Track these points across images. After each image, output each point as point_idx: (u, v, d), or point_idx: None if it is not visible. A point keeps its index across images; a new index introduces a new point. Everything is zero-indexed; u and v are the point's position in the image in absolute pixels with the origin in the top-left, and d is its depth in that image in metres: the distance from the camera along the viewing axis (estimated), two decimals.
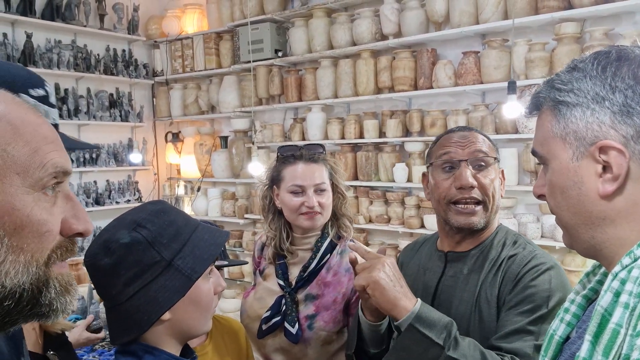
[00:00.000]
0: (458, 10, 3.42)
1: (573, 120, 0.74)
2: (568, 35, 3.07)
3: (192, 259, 0.97)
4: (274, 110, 4.57)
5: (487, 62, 3.36)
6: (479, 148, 1.30)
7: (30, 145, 0.56)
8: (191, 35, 4.95)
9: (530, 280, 1.21)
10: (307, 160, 1.65)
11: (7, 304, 0.56)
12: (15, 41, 4.24)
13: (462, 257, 1.35)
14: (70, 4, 4.51)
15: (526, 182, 3.37)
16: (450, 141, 1.33)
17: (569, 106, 0.75)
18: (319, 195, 1.63)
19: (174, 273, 0.95)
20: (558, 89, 0.77)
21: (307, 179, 1.62)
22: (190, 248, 0.98)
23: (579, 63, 0.76)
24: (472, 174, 1.28)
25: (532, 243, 1.33)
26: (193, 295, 0.98)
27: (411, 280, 1.44)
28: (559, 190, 0.77)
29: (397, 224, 3.79)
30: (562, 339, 0.82)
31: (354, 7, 4.02)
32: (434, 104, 3.77)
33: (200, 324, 1.04)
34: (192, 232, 1.00)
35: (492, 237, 1.34)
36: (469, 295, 1.29)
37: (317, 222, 1.63)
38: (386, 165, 3.83)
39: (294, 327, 1.55)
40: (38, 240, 0.57)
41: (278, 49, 4.36)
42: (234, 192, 4.84)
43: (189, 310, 1.00)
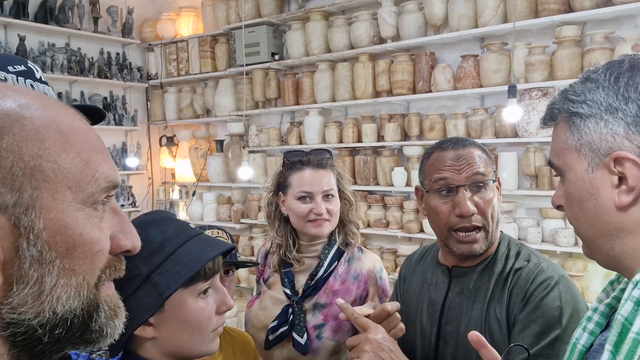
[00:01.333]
0: (457, 14, 3.40)
1: (587, 131, 0.74)
2: (568, 39, 3.05)
3: (172, 274, 0.91)
4: (271, 114, 4.53)
5: (486, 66, 3.33)
6: (476, 170, 1.24)
7: (82, 157, 0.52)
8: (186, 38, 4.91)
9: (540, 298, 1.17)
10: (315, 166, 1.62)
11: (57, 332, 0.51)
12: (8, 44, 4.18)
13: (467, 273, 1.31)
14: (64, 6, 4.46)
15: (526, 187, 3.35)
16: (445, 164, 1.26)
17: (582, 117, 0.74)
18: (327, 202, 1.59)
19: (149, 288, 0.91)
20: (572, 100, 0.76)
21: (315, 186, 1.59)
22: (172, 263, 0.92)
23: (592, 74, 0.76)
24: (471, 198, 1.23)
25: (535, 252, 1.30)
26: (177, 313, 0.93)
27: (416, 295, 1.41)
28: (576, 202, 0.77)
29: (395, 228, 3.76)
30: (585, 348, 0.80)
31: (352, 10, 3.99)
32: (433, 107, 3.74)
33: (194, 345, 0.97)
34: (179, 245, 0.94)
35: (494, 249, 1.31)
36: (477, 313, 1.25)
37: (324, 229, 1.60)
38: (385, 170, 3.79)
39: (303, 337, 1.51)
40: (90, 261, 0.52)
41: (275, 52, 4.32)
42: (229, 197, 4.79)
43: (175, 330, 0.94)
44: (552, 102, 0.81)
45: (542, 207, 3.30)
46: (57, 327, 0.51)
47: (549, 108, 0.82)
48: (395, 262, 3.81)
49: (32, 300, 0.49)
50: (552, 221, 3.23)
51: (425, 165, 1.33)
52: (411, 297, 1.41)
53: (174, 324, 0.93)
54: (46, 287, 0.49)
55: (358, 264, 1.63)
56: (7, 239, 0.46)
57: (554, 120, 0.81)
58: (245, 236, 4.62)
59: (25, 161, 0.47)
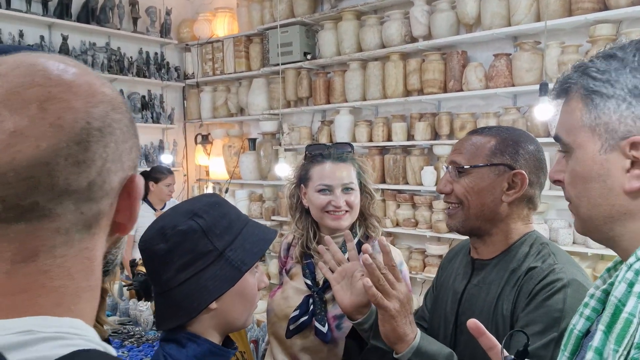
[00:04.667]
0: (490, 12, 3.37)
1: (606, 111, 0.71)
2: (603, 37, 3.00)
3: (242, 251, 1.00)
4: (302, 113, 4.58)
5: (518, 65, 3.30)
6: (452, 158, 1.31)
7: None
8: (222, 39, 5.01)
9: (543, 299, 1.15)
10: (335, 160, 1.64)
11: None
12: (52, 43, 4.36)
13: (485, 266, 1.31)
14: (104, 7, 4.62)
15: (558, 187, 3.27)
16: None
17: (603, 97, 0.72)
18: (347, 195, 1.61)
19: (224, 264, 0.98)
20: (593, 77, 0.73)
21: (335, 178, 1.61)
22: (240, 241, 1.01)
23: (618, 51, 0.72)
24: (449, 180, 1.30)
25: (556, 253, 1.26)
26: (240, 287, 1.01)
27: (445, 284, 1.43)
28: (582, 181, 0.75)
29: (424, 228, 3.75)
30: (581, 333, 0.81)
31: (384, 10, 4.01)
32: (464, 107, 3.72)
33: (243, 317, 1.06)
34: (243, 227, 1.03)
35: (517, 245, 1.29)
36: (487, 306, 1.25)
37: (344, 222, 1.61)
38: (414, 169, 3.79)
39: (325, 327, 1.54)
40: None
41: (307, 51, 4.38)
42: (261, 194, 4.86)
43: (235, 302, 1.02)
44: (566, 76, 0.78)
45: None
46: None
47: (562, 82, 0.79)
48: (424, 261, 3.80)
49: (124, 245, 0.65)
50: None
51: None
52: (442, 285, 1.45)
53: (235, 296, 1.01)
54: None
55: (378, 257, 1.65)
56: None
57: (566, 95, 0.78)
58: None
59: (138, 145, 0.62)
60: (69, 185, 0.48)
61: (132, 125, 0.56)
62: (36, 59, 0.52)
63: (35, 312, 0.48)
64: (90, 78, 0.54)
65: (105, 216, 0.53)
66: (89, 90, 0.52)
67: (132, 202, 0.55)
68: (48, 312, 0.49)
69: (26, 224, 0.48)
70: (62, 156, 0.48)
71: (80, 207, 0.50)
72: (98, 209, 0.52)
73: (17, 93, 0.49)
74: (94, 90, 0.53)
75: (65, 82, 0.51)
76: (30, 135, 0.47)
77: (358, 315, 1.26)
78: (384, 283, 1.16)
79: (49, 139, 0.48)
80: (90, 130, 0.50)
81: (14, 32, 4.13)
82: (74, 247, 0.51)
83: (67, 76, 0.52)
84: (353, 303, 1.26)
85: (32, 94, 0.49)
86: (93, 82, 0.54)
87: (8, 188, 0.47)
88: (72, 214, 0.50)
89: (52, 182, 0.48)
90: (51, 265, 0.50)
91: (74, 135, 0.49)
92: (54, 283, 0.50)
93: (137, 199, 0.56)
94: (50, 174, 0.47)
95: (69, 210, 0.49)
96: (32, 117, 0.48)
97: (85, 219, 0.51)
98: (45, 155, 0.47)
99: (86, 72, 0.54)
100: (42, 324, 0.48)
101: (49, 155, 0.47)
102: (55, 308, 0.50)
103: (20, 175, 0.47)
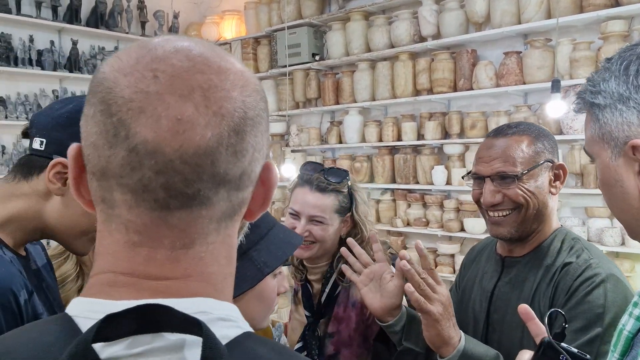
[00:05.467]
0: (499, 10, 3.37)
1: (605, 121, 0.75)
2: (615, 34, 2.99)
3: (267, 253, 0.99)
4: (311, 114, 4.58)
5: (529, 62, 3.29)
6: (500, 168, 1.24)
7: None
8: (229, 41, 5.02)
9: (583, 294, 1.15)
10: (314, 188, 1.52)
11: None
12: (62, 48, 4.38)
13: (516, 263, 1.30)
14: (113, 12, 4.64)
15: (571, 185, 3.28)
16: (479, 155, 1.31)
17: (599, 108, 0.76)
18: (312, 225, 1.50)
19: (247, 263, 0.97)
20: (590, 91, 0.78)
21: (304, 206, 1.51)
22: (266, 243, 0.99)
23: (607, 62, 0.77)
24: (496, 190, 1.25)
25: (590, 248, 1.26)
26: (260, 289, 0.99)
27: (471, 283, 1.42)
28: (606, 188, 0.79)
29: (435, 227, 3.74)
30: (631, 334, 0.80)
31: (392, 10, 4.00)
32: (474, 105, 3.71)
33: (260, 319, 1.04)
34: (269, 229, 1.02)
35: (548, 241, 1.28)
36: (522, 303, 1.24)
37: (305, 253, 1.51)
38: (424, 168, 3.78)
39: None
40: None
41: (315, 52, 4.38)
42: None
43: (252, 303, 1.00)
44: (580, 91, 0.82)
45: (587, 205, 3.23)
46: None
47: (578, 97, 0.83)
48: (436, 261, 3.79)
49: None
50: (597, 220, 3.15)
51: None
52: (467, 284, 1.43)
53: (253, 298, 0.99)
54: None
55: (355, 289, 1.50)
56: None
57: (583, 110, 0.82)
58: None
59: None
60: (227, 174, 0.49)
61: (268, 115, 0.57)
62: (191, 44, 0.51)
63: (200, 295, 0.50)
64: (241, 66, 0.54)
65: (246, 204, 0.54)
66: (242, 78, 0.52)
67: (266, 190, 0.55)
68: (210, 296, 0.51)
69: (187, 211, 0.49)
70: (224, 145, 0.48)
71: (231, 196, 0.51)
72: (243, 197, 0.52)
73: (182, 79, 0.48)
74: (246, 78, 0.53)
75: (223, 70, 0.51)
76: (196, 123, 0.47)
77: (389, 318, 1.25)
78: (425, 287, 1.15)
79: (213, 128, 0.48)
80: (247, 120, 0.50)
81: (24, 37, 4.15)
82: (221, 234, 0.52)
83: (224, 64, 0.51)
84: (384, 305, 1.24)
85: (195, 81, 0.48)
86: (244, 70, 0.54)
87: (174, 175, 0.47)
88: (224, 202, 0.50)
89: (214, 171, 0.48)
90: (205, 252, 0.51)
91: (234, 125, 0.49)
92: (209, 269, 0.51)
93: (272, 187, 0.55)
94: (213, 163, 0.48)
95: (222, 199, 0.50)
96: (196, 105, 0.47)
97: (232, 207, 0.51)
98: (211, 144, 0.47)
99: (237, 60, 0.54)
100: (212, 306, 0.50)
101: (214, 145, 0.47)
102: (215, 293, 0.51)
103: (187, 163, 0.47)
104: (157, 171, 0.47)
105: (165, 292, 0.49)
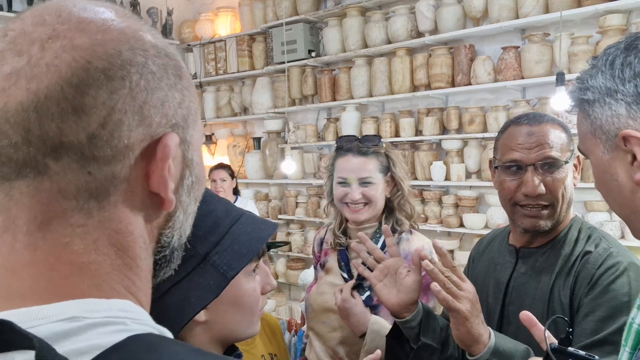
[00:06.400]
0: (497, 5, 3.36)
1: (595, 116, 0.77)
2: (613, 28, 2.99)
3: (230, 254, 0.86)
4: (308, 111, 4.56)
5: (528, 57, 3.29)
6: (548, 154, 1.20)
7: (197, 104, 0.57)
8: (224, 38, 4.99)
9: (607, 283, 1.14)
10: (356, 153, 1.64)
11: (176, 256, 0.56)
12: None
13: (533, 254, 1.29)
14: None
15: None
16: (516, 142, 1.24)
17: (589, 103, 0.77)
18: (364, 188, 1.61)
19: (209, 269, 0.85)
20: (579, 87, 0.80)
21: (353, 172, 1.62)
22: (228, 242, 0.87)
23: (593, 60, 0.79)
24: (540, 179, 1.20)
25: (607, 237, 1.25)
26: (232, 295, 0.89)
27: (482, 275, 1.40)
28: (602, 184, 0.80)
29: (434, 223, 3.74)
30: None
31: (388, 5, 3.99)
32: (473, 100, 3.71)
33: (243, 327, 0.94)
34: (232, 224, 0.89)
35: (565, 231, 1.27)
36: (542, 294, 1.23)
37: (360, 215, 1.61)
38: (423, 164, 3.78)
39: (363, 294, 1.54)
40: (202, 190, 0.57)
41: (311, 49, 4.36)
42: (267, 193, 4.84)
43: (229, 312, 0.91)
44: (570, 90, 0.84)
45: (586, 200, 3.23)
46: (180, 249, 0.55)
47: (569, 94, 0.84)
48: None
49: (181, 225, 0.53)
50: (597, 214, 3.16)
51: (500, 139, 1.32)
52: (478, 277, 1.41)
53: (227, 306, 0.90)
54: (189, 213, 0.53)
55: (406, 244, 1.63)
56: (178, 168, 0.50)
57: (575, 109, 0.84)
58: (283, 232, 4.66)
59: (192, 102, 0.52)
60: (63, 136, 0.42)
61: (172, 73, 0.48)
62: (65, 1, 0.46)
63: (75, 295, 0.42)
64: (119, 18, 0.46)
65: (125, 181, 0.45)
66: (102, 27, 0.44)
67: (158, 166, 0.46)
68: (90, 294, 0.43)
69: (25, 182, 0.42)
70: (54, 100, 0.41)
71: (86, 166, 0.43)
72: (111, 171, 0.44)
73: (25, 34, 0.43)
74: (107, 27, 0.45)
75: (76, 19, 0.44)
76: (23, 77, 0.42)
77: (406, 313, 1.23)
78: (451, 286, 1.12)
79: (40, 81, 0.41)
80: (90, 70, 0.42)
81: None
82: (93, 217, 0.44)
83: (82, 13, 0.45)
84: (401, 301, 1.22)
85: (38, 33, 0.43)
86: (112, 19, 0.46)
87: (2, 138, 0.42)
88: (76, 173, 0.43)
89: (43, 132, 0.41)
90: (71, 235, 0.43)
91: (70, 77, 0.42)
92: (82, 259, 0.44)
93: (162, 161, 0.46)
94: (40, 121, 0.41)
95: (70, 169, 0.43)
96: (30, 57, 0.42)
97: (96, 181, 0.43)
98: (34, 98, 0.41)
99: (120, 14, 0.47)
100: (88, 309, 0.42)
101: (38, 99, 0.41)
102: (96, 289, 0.44)
103: (11, 122, 0.41)
104: None
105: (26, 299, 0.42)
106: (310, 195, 4.47)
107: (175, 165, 0.49)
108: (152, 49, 0.47)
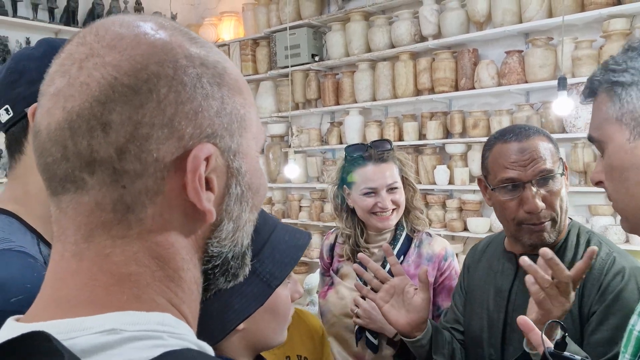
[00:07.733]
0: (501, 9, 3.37)
1: (629, 99, 0.73)
2: (617, 32, 2.99)
3: (272, 263, 0.87)
4: (311, 115, 4.57)
5: (531, 61, 3.29)
6: (543, 167, 1.20)
7: (254, 108, 0.54)
8: (228, 42, 5.00)
9: (619, 290, 1.14)
10: (377, 161, 1.62)
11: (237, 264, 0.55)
12: None
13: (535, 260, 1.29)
14: (110, 13, 4.61)
15: (574, 183, 3.28)
16: (509, 160, 1.23)
17: (624, 86, 0.74)
18: (392, 194, 1.61)
19: (252, 278, 0.83)
20: (612, 70, 0.76)
21: (379, 180, 1.60)
22: (269, 250, 0.88)
23: (633, 43, 0.76)
24: (537, 193, 1.20)
25: (605, 241, 1.26)
26: (271, 303, 0.89)
27: (481, 283, 1.39)
28: (617, 173, 0.76)
29: (438, 227, 3.74)
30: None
31: (392, 10, 4.00)
32: (476, 104, 3.71)
33: (276, 335, 0.95)
34: (271, 232, 0.90)
35: (564, 237, 1.28)
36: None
37: (391, 221, 1.62)
38: (427, 168, 3.78)
39: (375, 339, 1.53)
40: (262, 200, 0.56)
41: (315, 53, 4.37)
42: (270, 197, 4.84)
43: (265, 320, 0.91)
44: (592, 76, 0.81)
45: (591, 203, 3.23)
46: (239, 259, 0.55)
47: (589, 81, 0.81)
48: None
49: (232, 235, 0.52)
50: (601, 218, 3.15)
51: (488, 158, 1.29)
52: (476, 285, 1.40)
53: (265, 314, 0.90)
54: (241, 222, 0.52)
55: (428, 247, 1.67)
56: (222, 178, 0.49)
57: (594, 94, 0.80)
58: None
59: (238, 109, 0.50)
60: (94, 152, 0.43)
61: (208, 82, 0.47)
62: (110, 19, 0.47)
63: (115, 306, 0.43)
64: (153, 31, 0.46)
65: (160, 194, 0.45)
66: (132, 42, 0.45)
67: (189, 178, 0.46)
68: (129, 306, 0.43)
69: (69, 196, 0.45)
70: (84, 118, 0.43)
71: (120, 180, 0.44)
72: (144, 185, 0.44)
73: (70, 54, 0.45)
74: (137, 42, 0.45)
75: (110, 36, 0.45)
76: (62, 96, 0.44)
77: (417, 333, 1.22)
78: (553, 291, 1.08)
79: (74, 99, 0.43)
80: (117, 86, 0.43)
81: (21, 40, 4.11)
82: (132, 228, 0.45)
83: (118, 29, 0.45)
84: (412, 321, 1.21)
85: (79, 53, 0.45)
86: (145, 33, 0.46)
87: (47, 156, 0.44)
88: (110, 187, 0.44)
89: (77, 149, 0.43)
90: (112, 247, 0.44)
91: (98, 94, 0.43)
92: (122, 269, 0.44)
93: (192, 172, 0.45)
94: (73, 138, 0.43)
95: (104, 183, 0.44)
96: (70, 77, 0.44)
97: (131, 195, 0.44)
98: (68, 117, 0.43)
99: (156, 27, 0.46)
100: (127, 321, 0.42)
101: (71, 118, 0.43)
102: (135, 301, 0.44)
103: (53, 141, 0.44)
104: (39, 153, 0.45)
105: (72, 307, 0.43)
106: (313, 199, 4.47)
107: (218, 175, 0.48)
108: (184, 59, 0.46)
